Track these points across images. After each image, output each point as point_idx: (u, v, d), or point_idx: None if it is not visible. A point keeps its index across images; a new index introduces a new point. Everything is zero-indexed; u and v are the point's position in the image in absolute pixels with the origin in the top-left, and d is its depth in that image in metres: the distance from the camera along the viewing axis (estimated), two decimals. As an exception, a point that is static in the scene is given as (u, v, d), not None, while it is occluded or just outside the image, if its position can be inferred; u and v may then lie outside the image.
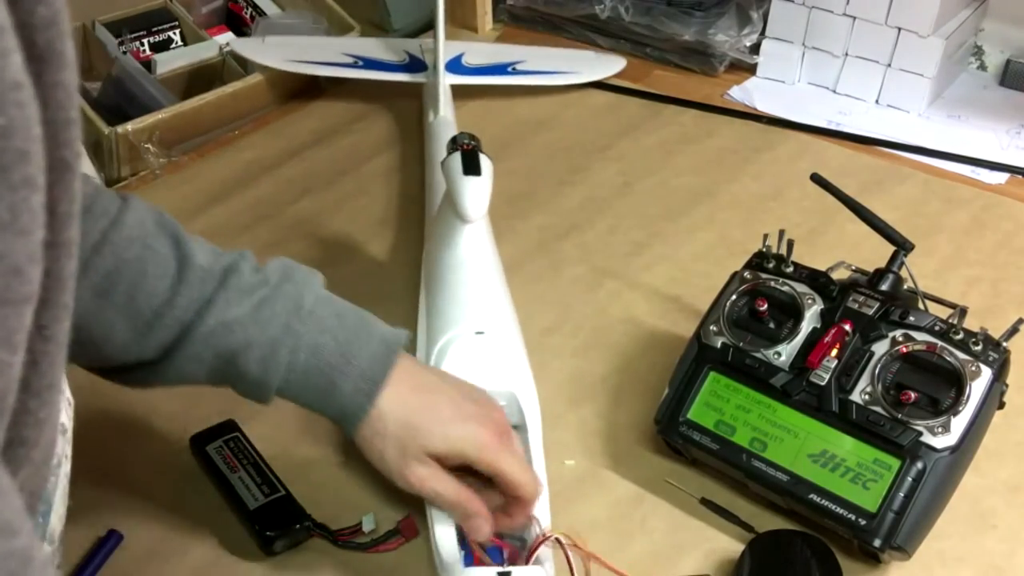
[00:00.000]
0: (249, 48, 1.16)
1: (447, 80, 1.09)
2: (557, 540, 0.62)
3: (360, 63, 1.16)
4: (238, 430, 0.72)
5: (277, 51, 1.15)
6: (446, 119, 1.04)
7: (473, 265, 0.77)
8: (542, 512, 0.64)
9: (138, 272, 0.58)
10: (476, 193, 0.74)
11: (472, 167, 0.75)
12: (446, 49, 1.11)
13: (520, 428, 0.69)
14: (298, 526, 0.66)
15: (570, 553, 0.62)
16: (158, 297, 0.58)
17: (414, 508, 0.67)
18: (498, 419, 0.64)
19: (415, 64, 1.18)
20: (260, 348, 0.59)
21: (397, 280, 0.89)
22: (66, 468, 0.43)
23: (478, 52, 1.22)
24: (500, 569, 0.60)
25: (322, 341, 0.60)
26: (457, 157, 0.75)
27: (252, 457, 0.70)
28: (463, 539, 0.63)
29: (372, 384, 0.60)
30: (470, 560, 0.62)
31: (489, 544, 0.63)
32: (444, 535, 0.63)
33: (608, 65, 1.22)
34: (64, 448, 0.47)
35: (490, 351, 0.72)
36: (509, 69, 1.20)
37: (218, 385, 0.62)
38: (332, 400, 0.60)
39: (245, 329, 0.59)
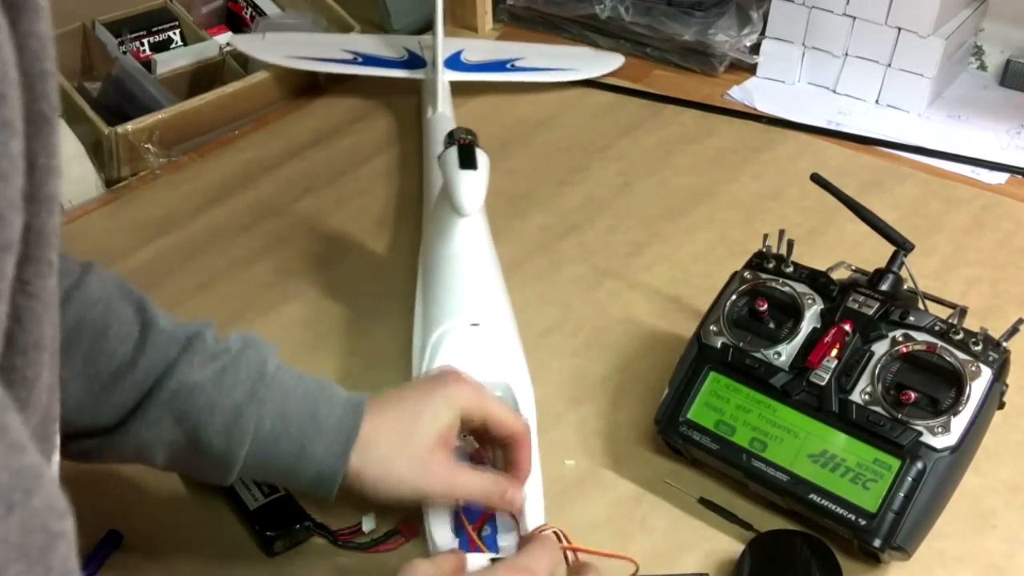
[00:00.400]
0: (249, 44, 1.16)
1: (446, 76, 1.09)
2: (555, 533, 0.62)
3: (359, 59, 1.16)
4: None
5: (277, 48, 1.15)
6: (444, 115, 1.04)
7: (469, 258, 0.78)
8: (537, 509, 0.64)
9: (100, 332, 0.57)
10: (472, 187, 0.74)
11: (468, 161, 0.75)
12: (445, 46, 1.11)
13: None
14: (298, 526, 0.66)
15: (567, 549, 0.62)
16: (119, 358, 0.57)
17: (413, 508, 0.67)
18: (454, 369, 0.64)
19: (414, 60, 1.18)
20: (224, 415, 0.57)
21: (397, 278, 0.89)
22: (56, 458, 0.43)
23: (477, 49, 1.22)
24: (494, 556, 0.60)
25: (287, 406, 0.59)
26: (454, 151, 0.76)
27: None
28: (458, 527, 0.63)
29: (345, 443, 0.59)
30: (466, 547, 0.62)
31: (486, 532, 0.63)
32: (438, 523, 0.63)
33: (606, 62, 1.22)
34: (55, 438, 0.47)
35: (485, 343, 0.72)
36: (508, 66, 1.20)
37: (175, 465, 0.60)
38: (305, 465, 0.59)
39: (208, 394, 0.57)
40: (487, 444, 0.66)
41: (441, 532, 0.62)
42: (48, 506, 0.30)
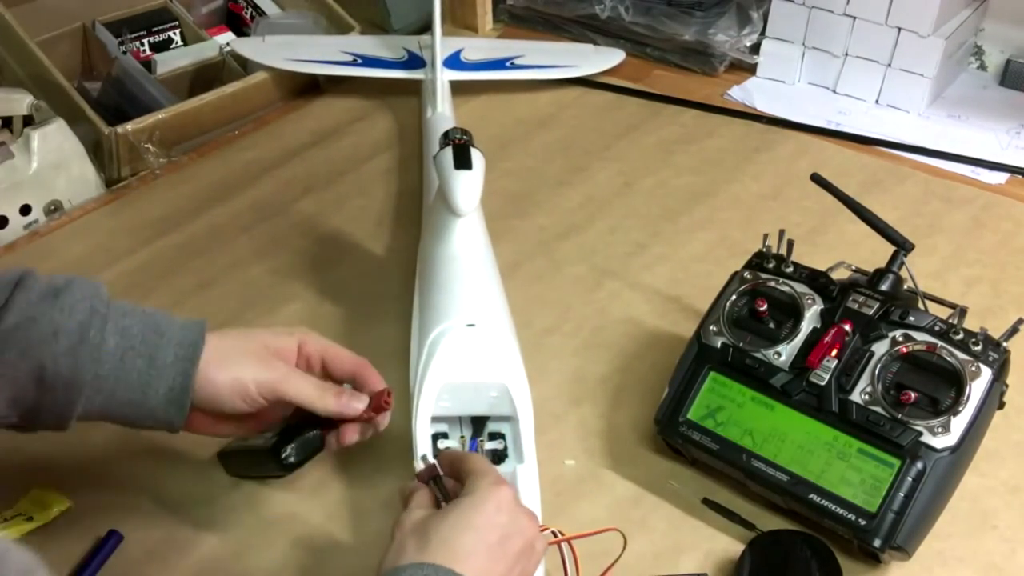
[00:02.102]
0: (249, 48, 1.16)
1: (445, 76, 1.09)
2: (553, 533, 0.62)
3: (359, 61, 1.16)
4: None
5: (277, 50, 1.15)
6: (444, 115, 1.04)
7: (465, 258, 0.78)
8: (535, 508, 0.64)
9: None
10: (467, 187, 0.74)
11: (463, 161, 0.75)
12: (445, 45, 1.11)
13: (512, 419, 0.69)
14: (310, 434, 0.64)
15: (564, 548, 0.61)
16: None
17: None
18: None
19: (414, 61, 1.18)
20: (68, 336, 0.57)
21: (396, 279, 0.89)
22: None
23: (477, 48, 1.22)
24: None
25: (128, 323, 0.59)
26: (448, 152, 0.76)
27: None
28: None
29: (193, 349, 0.60)
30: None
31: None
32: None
33: (607, 58, 1.22)
34: None
35: (481, 343, 0.72)
36: (507, 64, 1.20)
37: (15, 408, 0.58)
38: (156, 380, 0.59)
39: (49, 319, 0.57)
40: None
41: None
42: (19, 572, 0.30)
